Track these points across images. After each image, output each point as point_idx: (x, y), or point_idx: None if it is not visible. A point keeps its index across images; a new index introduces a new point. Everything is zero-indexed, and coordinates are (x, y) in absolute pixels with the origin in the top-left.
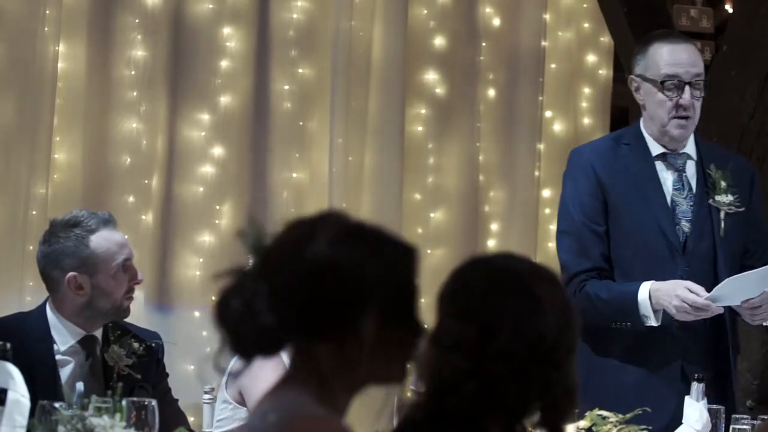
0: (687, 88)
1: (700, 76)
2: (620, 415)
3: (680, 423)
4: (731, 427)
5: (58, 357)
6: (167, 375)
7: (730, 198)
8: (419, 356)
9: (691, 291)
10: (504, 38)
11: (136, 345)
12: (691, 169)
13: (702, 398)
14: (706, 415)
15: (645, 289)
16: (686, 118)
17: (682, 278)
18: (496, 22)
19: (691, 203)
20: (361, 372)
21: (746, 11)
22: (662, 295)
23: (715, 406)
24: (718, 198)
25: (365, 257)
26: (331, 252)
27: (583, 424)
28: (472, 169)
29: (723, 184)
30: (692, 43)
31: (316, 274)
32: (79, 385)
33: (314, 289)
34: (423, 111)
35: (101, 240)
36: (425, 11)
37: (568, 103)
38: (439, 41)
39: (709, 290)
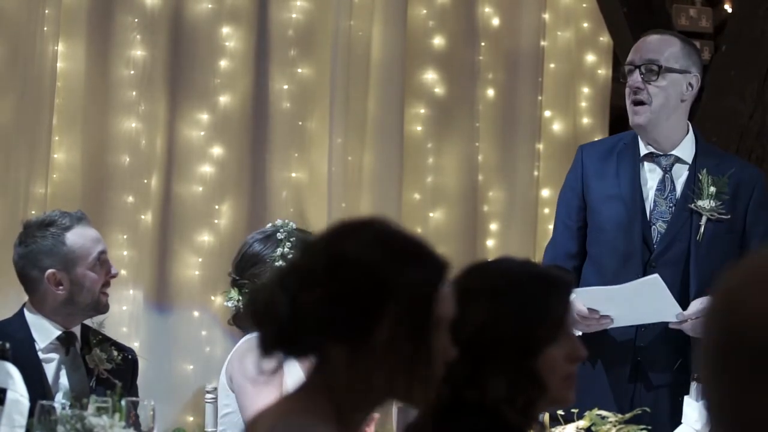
0: (636, 71)
1: (654, 62)
2: (619, 415)
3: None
4: None
5: (41, 355)
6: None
7: (712, 204)
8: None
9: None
10: (503, 38)
11: (115, 353)
12: (680, 171)
13: (701, 398)
14: (705, 414)
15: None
16: (640, 103)
17: None
18: (496, 22)
19: (671, 205)
20: (373, 385)
21: (745, 11)
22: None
23: None
24: (700, 203)
25: (388, 260)
26: (354, 250)
27: (582, 423)
28: (471, 168)
29: (711, 189)
30: (668, 36)
31: (333, 269)
32: (64, 382)
33: (330, 284)
34: (422, 111)
35: (76, 237)
36: (424, 11)
37: (568, 102)
38: (438, 41)
39: (677, 295)
